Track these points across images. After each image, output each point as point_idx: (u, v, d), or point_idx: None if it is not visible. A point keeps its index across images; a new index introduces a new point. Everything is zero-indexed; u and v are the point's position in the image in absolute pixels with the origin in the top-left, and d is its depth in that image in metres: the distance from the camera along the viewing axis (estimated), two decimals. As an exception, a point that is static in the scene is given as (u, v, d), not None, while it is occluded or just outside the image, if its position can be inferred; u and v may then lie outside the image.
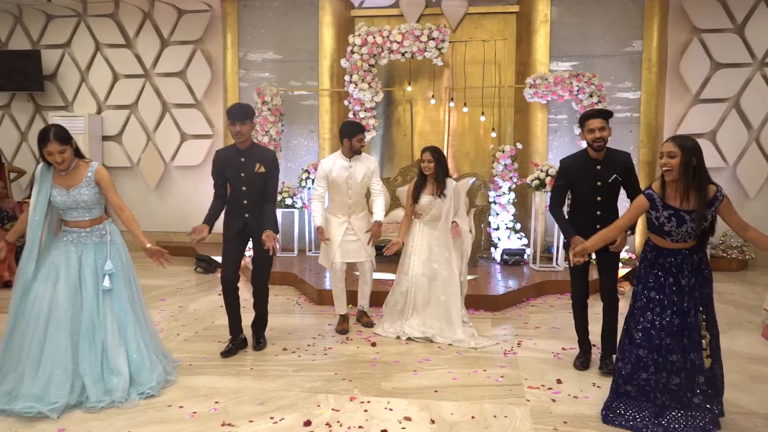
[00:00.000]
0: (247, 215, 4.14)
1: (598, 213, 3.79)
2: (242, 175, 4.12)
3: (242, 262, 4.42)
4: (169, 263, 3.69)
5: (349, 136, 4.69)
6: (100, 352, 3.40)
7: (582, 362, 3.97)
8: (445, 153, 7.82)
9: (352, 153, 4.74)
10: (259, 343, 4.38)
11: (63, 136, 3.37)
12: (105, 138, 8.71)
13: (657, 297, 3.08)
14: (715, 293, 3.22)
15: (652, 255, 3.13)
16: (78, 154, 3.53)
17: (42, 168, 3.49)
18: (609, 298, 3.87)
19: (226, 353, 4.22)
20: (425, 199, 4.64)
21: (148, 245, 3.62)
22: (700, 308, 3.04)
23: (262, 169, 4.13)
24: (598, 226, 3.67)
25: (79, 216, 3.51)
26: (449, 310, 4.59)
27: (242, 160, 4.12)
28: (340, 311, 4.91)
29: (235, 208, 4.19)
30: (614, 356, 3.91)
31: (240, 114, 4.02)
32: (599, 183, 3.76)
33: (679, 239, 3.04)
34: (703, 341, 3.01)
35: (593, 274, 3.89)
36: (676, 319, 3.01)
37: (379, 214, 4.74)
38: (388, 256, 4.68)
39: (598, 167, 3.76)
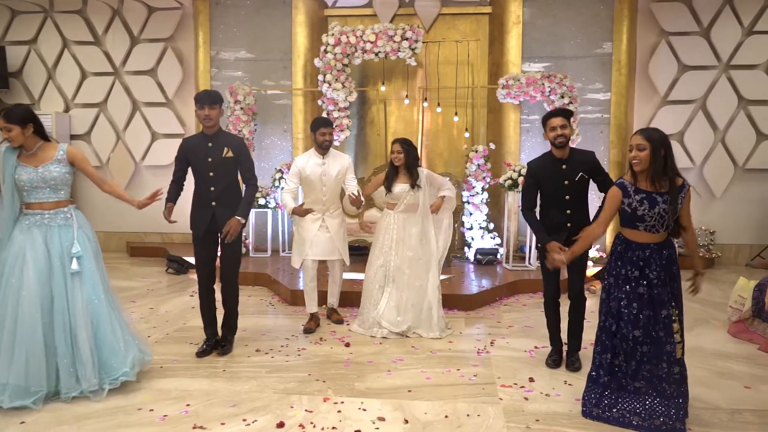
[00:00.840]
0: (214, 203, 4.08)
1: (568, 212, 3.84)
2: (209, 160, 4.07)
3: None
4: (159, 196, 3.79)
5: (313, 129, 4.75)
6: (70, 338, 3.35)
7: (554, 360, 4.01)
8: (419, 153, 7.88)
9: (322, 149, 4.75)
10: (224, 347, 4.26)
11: (10, 115, 3.36)
12: (73, 137, 8.53)
13: (625, 288, 3.12)
14: (683, 291, 3.27)
15: (622, 248, 3.16)
16: (43, 136, 3.51)
17: (6, 148, 3.45)
18: (576, 297, 3.93)
19: (201, 353, 4.19)
20: (399, 187, 4.70)
21: (137, 201, 3.71)
22: (673, 303, 3.09)
23: (230, 154, 4.09)
24: (569, 225, 3.77)
25: (43, 197, 3.45)
26: (426, 299, 4.65)
27: (209, 144, 4.09)
28: (311, 310, 4.90)
29: (201, 198, 4.13)
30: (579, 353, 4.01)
31: (209, 98, 4.03)
32: (566, 182, 3.82)
33: (652, 226, 3.06)
34: (676, 335, 3.06)
35: (564, 274, 3.94)
36: (645, 311, 3.06)
37: (353, 189, 4.72)
38: (360, 255, 4.69)
39: (564, 166, 3.83)
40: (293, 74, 7.84)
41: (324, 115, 7.27)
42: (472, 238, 7.28)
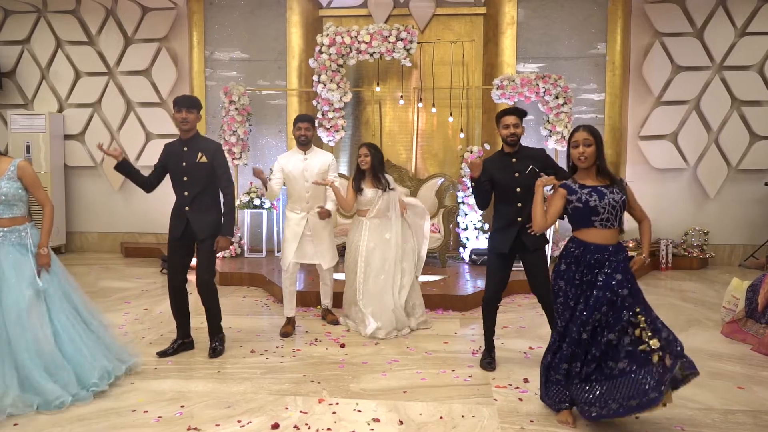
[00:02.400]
0: (187, 208, 4.09)
1: (519, 205, 3.91)
2: (183, 164, 4.11)
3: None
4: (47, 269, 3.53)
5: (293, 125, 4.81)
6: (26, 356, 3.28)
7: (488, 363, 4.00)
8: (414, 153, 7.90)
9: (301, 144, 4.79)
10: (214, 349, 4.24)
11: None
12: (67, 137, 8.50)
13: (575, 293, 3.08)
14: (676, 291, 3.29)
15: (579, 251, 3.09)
16: None
17: None
18: (549, 305, 3.87)
19: (163, 353, 4.20)
20: (369, 192, 4.76)
21: (43, 250, 3.48)
22: (636, 308, 2.93)
23: (204, 159, 4.10)
24: (519, 219, 3.87)
25: None
26: (401, 297, 4.77)
27: (185, 149, 4.13)
28: (287, 313, 4.87)
29: (177, 203, 4.17)
30: None
31: (186, 102, 4.07)
32: (517, 174, 3.91)
33: (607, 219, 3.03)
34: (649, 341, 2.86)
35: (515, 276, 3.97)
36: (595, 314, 2.98)
37: (329, 204, 4.77)
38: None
39: (514, 159, 3.96)
40: (288, 74, 7.83)
41: (319, 115, 7.26)
42: (467, 239, 7.29)
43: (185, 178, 4.11)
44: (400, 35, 7.07)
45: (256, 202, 7.45)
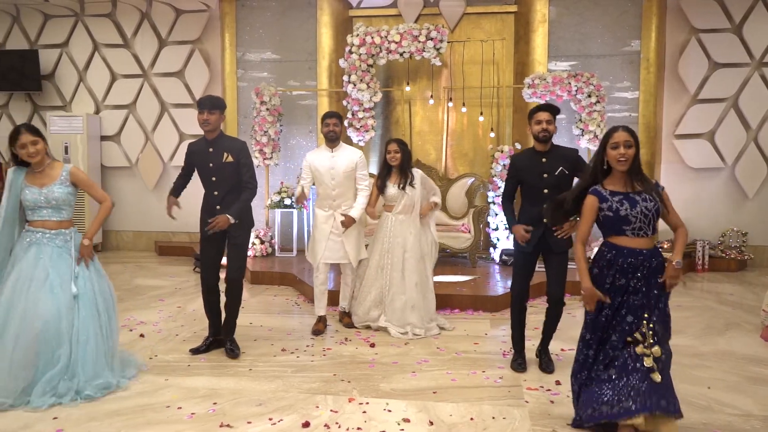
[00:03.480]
0: (218, 207, 4.12)
1: (545, 206, 3.82)
2: (210, 165, 4.14)
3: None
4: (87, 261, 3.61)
5: (322, 121, 4.81)
6: (63, 355, 3.38)
7: (519, 364, 3.97)
8: (444, 153, 7.87)
9: (329, 140, 4.78)
10: (231, 350, 4.24)
11: (35, 128, 3.45)
12: (103, 138, 8.69)
13: (614, 299, 2.98)
14: (713, 293, 3.21)
15: (611, 255, 2.98)
16: (48, 155, 3.58)
17: (14, 171, 3.51)
18: (555, 303, 3.88)
19: (196, 351, 4.27)
20: (394, 189, 4.75)
21: (86, 241, 3.57)
22: (645, 313, 2.88)
23: (230, 159, 4.13)
24: (545, 220, 3.75)
25: (47, 215, 3.51)
26: (425, 296, 4.76)
27: (210, 150, 4.15)
28: (318, 312, 4.90)
29: (207, 202, 4.22)
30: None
31: (209, 103, 4.08)
32: (545, 175, 3.85)
33: (639, 228, 2.91)
34: (649, 351, 2.82)
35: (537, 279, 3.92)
36: (627, 317, 2.91)
37: (355, 209, 4.72)
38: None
39: (544, 160, 3.89)
40: (318, 75, 7.88)
41: (349, 115, 7.28)
42: (498, 239, 7.23)
43: (213, 178, 4.16)
44: (430, 34, 7.05)
45: (287, 201, 7.51)
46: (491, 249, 7.36)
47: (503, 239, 7.20)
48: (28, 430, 3.08)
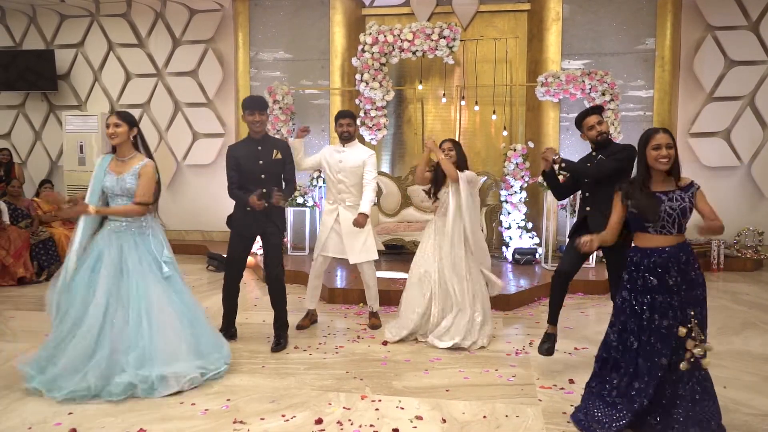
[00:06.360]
0: (267, 204, 4.16)
1: (587, 194, 3.89)
2: (261, 162, 4.24)
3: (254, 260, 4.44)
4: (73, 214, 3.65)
5: (335, 122, 4.83)
6: (139, 342, 3.45)
7: (547, 349, 3.89)
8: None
9: (342, 140, 4.79)
10: (279, 344, 4.30)
11: (125, 115, 3.68)
12: (118, 137, 8.76)
13: (639, 299, 2.95)
14: (728, 293, 3.17)
15: (637, 257, 2.99)
16: (137, 147, 3.75)
17: (102, 157, 3.69)
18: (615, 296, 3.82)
19: (230, 336, 4.36)
20: (443, 191, 4.55)
21: (91, 208, 3.55)
22: (689, 311, 2.85)
23: (279, 156, 4.28)
24: (588, 208, 3.81)
25: (122, 204, 3.62)
26: (472, 306, 4.40)
27: (259, 148, 4.27)
28: (307, 305, 4.93)
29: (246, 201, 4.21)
30: None
31: (258, 104, 4.23)
32: (589, 164, 3.85)
33: (662, 227, 2.90)
34: (696, 349, 2.78)
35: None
36: (664, 321, 2.87)
37: (364, 205, 4.62)
38: (398, 255, 4.66)
39: (600, 157, 3.85)
40: (331, 74, 7.90)
41: (362, 114, 7.29)
42: (510, 238, 7.21)
43: (263, 176, 4.23)
44: (442, 33, 7.04)
45: (299, 200, 7.53)
46: (504, 248, 7.34)
47: (516, 238, 7.18)
48: (45, 424, 3.11)
